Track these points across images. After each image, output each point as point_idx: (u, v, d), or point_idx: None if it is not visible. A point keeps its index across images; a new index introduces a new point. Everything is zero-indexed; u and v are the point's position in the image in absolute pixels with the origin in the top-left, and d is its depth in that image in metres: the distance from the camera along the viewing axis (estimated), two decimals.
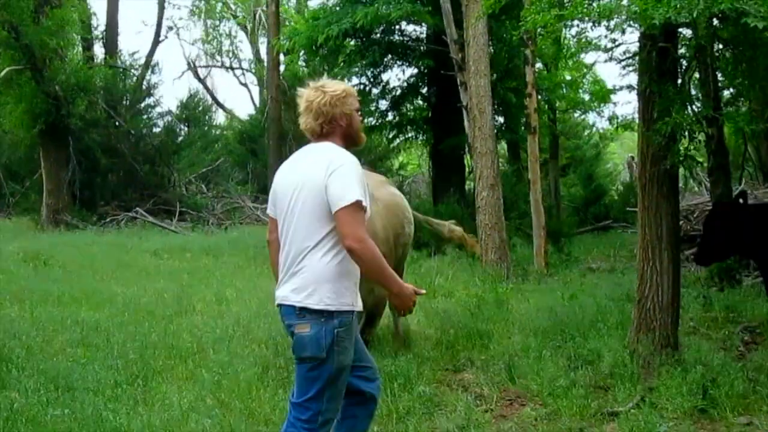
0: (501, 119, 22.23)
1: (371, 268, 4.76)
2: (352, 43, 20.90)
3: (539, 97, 19.28)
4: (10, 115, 26.23)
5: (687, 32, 8.50)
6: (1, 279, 13.48)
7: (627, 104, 61.53)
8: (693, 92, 9.46)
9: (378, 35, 20.81)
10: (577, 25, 8.55)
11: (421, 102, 23.46)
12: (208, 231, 24.25)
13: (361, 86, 22.34)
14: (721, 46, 8.94)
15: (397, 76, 51.60)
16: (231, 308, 11.34)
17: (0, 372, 7.68)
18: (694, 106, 8.11)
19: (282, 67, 28.90)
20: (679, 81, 8.34)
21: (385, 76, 22.35)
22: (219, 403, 7.00)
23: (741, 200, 9.21)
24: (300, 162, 5.03)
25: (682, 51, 8.59)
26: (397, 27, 21.21)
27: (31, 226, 25.67)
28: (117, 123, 28.93)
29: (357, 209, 4.69)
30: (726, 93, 12.85)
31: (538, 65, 19.13)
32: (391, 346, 8.74)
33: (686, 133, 7.96)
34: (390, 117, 23.03)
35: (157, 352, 8.62)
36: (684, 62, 8.66)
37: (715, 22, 7.90)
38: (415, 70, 22.39)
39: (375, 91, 22.45)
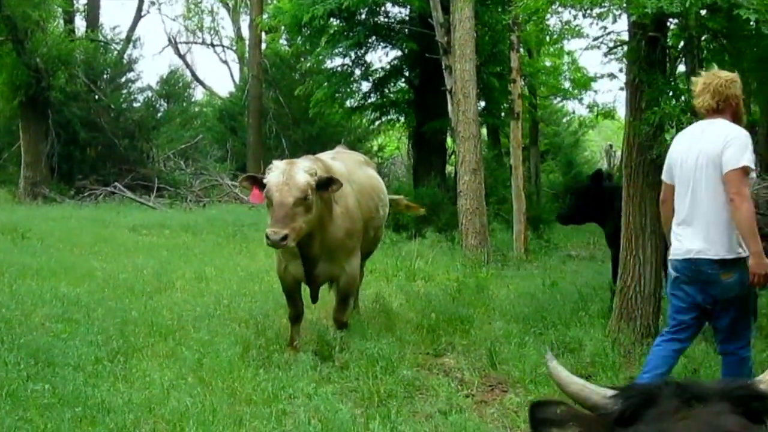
0: (482, 104, 22.22)
1: (743, 221, 5.69)
2: (336, 23, 20.81)
3: (522, 83, 19.28)
4: None
5: (675, 23, 8.53)
6: None
7: (608, 93, 61.76)
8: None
9: (362, 16, 20.72)
10: (570, 12, 8.54)
11: (403, 84, 23.39)
12: (186, 208, 24.15)
13: (344, 67, 22.30)
14: (707, 37, 8.97)
15: (380, 57, 51.68)
16: (211, 286, 11.27)
17: None
18: (683, 97, 8.13)
19: (263, 46, 28.83)
20: (668, 71, 8.36)
21: (368, 58, 22.33)
22: (200, 382, 6.96)
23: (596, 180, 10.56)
24: (700, 136, 6.01)
25: (670, 41, 8.62)
26: (382, 8, 21.12)
27: (8, 199, 25.53)
28: (97, 97, 28.69)
29: (744, 173, 5.72)
30: None
31: (521, 50, 19.09)
32: (373, 329, 8.71)
33: (674, 123, 7.99)
34: (372, 99, 22.98)
35: (137, 329, 8.56)
36: (673, 52, 8.68)
37: (704, 12, 7.92)
38: (399, 53, 22.33)
39: (357, 72, 22.40)
